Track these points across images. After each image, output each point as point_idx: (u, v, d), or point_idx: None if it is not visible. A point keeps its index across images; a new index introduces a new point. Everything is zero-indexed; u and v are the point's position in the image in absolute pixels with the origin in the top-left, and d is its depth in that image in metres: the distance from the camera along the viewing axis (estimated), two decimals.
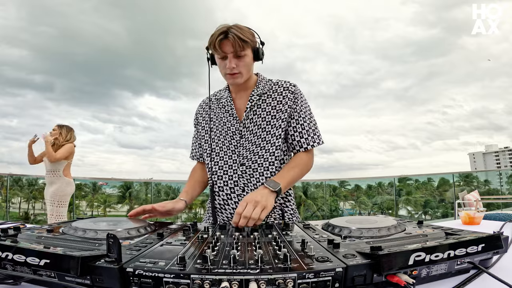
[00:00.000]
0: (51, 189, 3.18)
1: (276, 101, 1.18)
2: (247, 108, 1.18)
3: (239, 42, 1.03)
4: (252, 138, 1.17)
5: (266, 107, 1.18)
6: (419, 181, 10.14)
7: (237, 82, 1.13)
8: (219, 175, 1.21)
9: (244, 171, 1.16)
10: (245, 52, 1.08)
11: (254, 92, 1.19)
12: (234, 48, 1.04)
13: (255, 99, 1.19)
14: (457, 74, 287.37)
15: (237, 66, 1.08)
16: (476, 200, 3.96)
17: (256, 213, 0.87)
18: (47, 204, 3.20)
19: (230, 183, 1.18)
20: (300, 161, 1.14)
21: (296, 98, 1.18)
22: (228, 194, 1.19)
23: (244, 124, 1.18)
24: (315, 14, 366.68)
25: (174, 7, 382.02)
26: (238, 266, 0.49)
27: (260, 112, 1.18)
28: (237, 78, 1.12)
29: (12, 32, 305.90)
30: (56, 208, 3.14)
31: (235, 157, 1.18)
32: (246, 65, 1.10)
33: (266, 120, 1.17)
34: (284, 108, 1.16)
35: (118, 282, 0.49)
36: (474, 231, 0.69)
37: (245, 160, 1.17)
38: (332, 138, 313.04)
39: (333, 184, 9.95)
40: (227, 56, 1.07)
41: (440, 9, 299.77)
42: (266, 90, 1.20)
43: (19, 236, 0.68)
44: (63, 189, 3.20)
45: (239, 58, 1.08)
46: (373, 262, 0.51)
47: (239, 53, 1.06)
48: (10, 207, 6.56)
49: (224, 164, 1.20)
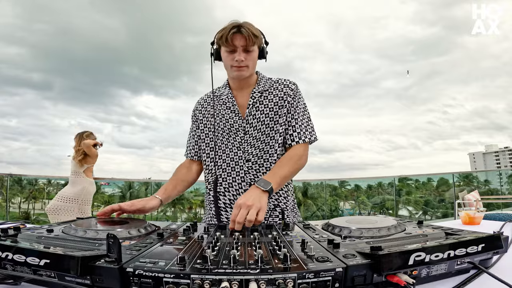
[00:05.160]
0: (74, 189, 3.44)
1: (277, 98, 1.21)
2: (249, 105, 1.20)
3: (251, 37, 1.08)
4: (256, 134, 1.19)
5: (268, 104, 1.20)
6: (419, 181, 10.13)
7: (243, 75, 1.16)
8: (225, 172, 1.21)
9: (250, 167, 1.19)
10: (254, 48, 1.12)
11: (256, 89, 1.21)
12: (246, 42, 1.09)
13: (256, 96, 1.21)
14: (458, 73, 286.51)
15: (245, 59, 1.12)
16: (476, 200, 3.96)
17: (251, 215, 0.86)
18: (63, 202, 3.38)
19: (237, 179, 1.20)
20: (292, 156, 1.15)
21: (295, 95, 1.21)
22: (236, 189, 1.20)
23: (247, 120, 1.20)
24: (314, 12, 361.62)
25: (173, 3, 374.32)
26: (238, 266, 0.49)
27: (263, 108, 1.20)
28: (243, 71, 1.14)
29: (8, 30, 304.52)
30: (81, 206, 3.44)
31: (240, 153, 1.20)
32: (253, 60, 1.15)
33: (269, 116, 1.19)
34: (285, 105, 1.20)
35: (118, 282, 0.49)
36: (474, 231, 0.69)
37: (250, 156, 1.19)
38: (332, 138, 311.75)
39: (333, 184, 9.95)
40: (236, 49, 1.11)
41: (439, 7, 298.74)
42: (267, 87, 1.23)
43: (19, 236, 0.68)
44: (87, 189, 3.51)
45: (248, 53, 1.12)
46: (373, 262, 0.51)
47: (249, 48, 1.11)
48: (10, 207, 6.56)
49: (230, 161, 1.21)
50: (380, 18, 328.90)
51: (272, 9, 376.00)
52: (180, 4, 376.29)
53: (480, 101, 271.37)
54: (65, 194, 3.39)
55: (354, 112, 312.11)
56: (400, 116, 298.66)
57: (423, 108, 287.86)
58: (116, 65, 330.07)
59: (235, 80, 1.22)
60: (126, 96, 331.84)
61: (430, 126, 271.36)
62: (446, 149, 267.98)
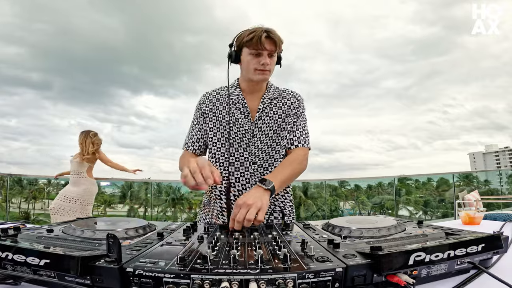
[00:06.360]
0: (78, 189, 3.46)
1: (286, 106, 1.27)
2: (259, 109, 1.24)
3: (279, 44, 1.15)
4: (264, 138, 1.22)
5: (278, 111, 1.25)
6: (419, 181, 10.12)
7: (266, 78, 1.20)
8: (230, 172, 1.22)
9: (256, 169, 1.21)
10: (276, 54, 1.18)
11: (266, 96, 1.26)
12: (275, 47, 1.14)
13: (266, 102, 1.25)
14: (458, 73, 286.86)
15: (270, 64, 1.17)
16: (476, 200, 3.96)
17: (251, 214, 0.86)
18: (66, 201, 3.39)
19: (242, 179, 1.22)
20: (294, 159, 1.18)
21: (299, 106, 1.29)
22: (240, 190, 1.22)
23: (256, 124, 1.23)
24: (313, 11, 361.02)
25: (172, 2, 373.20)
26: (238, 266, 0.49)
27: (272, 115, 1.25)
28: (266, 75, 1.18)
29: (7, 29, 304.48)
30: (84, 207, 3.45)
31: (247, 155, 1.22)
32: (273, 65, 1.20)
33: (277, 123, 1.24)
34: (292, 113, 1.27)
35: (118, 282, 0.49)
36: (474, 231, 0.69)
37: (256, 158, 1.22)
38: (332, 138, 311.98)
39: (333, 184, 9.94)
40: (262, 53, 1.14)
41: (439, 7, 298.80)
42: (276, 95, 1.28)
43: (19, 236, 0.68)
44: (90, 189, 3.54)
45: (271, 58, 1.17)
46: (373, 262, 0.51)
47: (274, 53, 1.16)
48: (10, 207, 6.56)
49: (235, 161, 1.22)
50: (379, 17, 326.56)
51: (272, 8, 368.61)
52: (180, 3, 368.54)
53: (480, 101, 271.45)
54: (68, 194, 3.41)
55: (354, 112, 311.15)
56: (400, 116, 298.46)
57: (423, 108, 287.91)
58: (115, 65, 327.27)
59: (249, 83, 1.23)
60: (125, 96, 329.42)
61: (430, 126, 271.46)
62: (446, 149, 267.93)
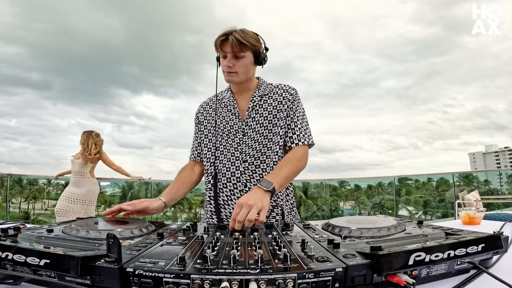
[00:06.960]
0: (80, 190, 3.47)
1: (277, 102, 1.25)
2: (249, 108, 1.24)
3: (236, 45, 1.12)
4: (254, 136, 1.23)
5: (268, 107, 1.25)
6: (419, 181, 10.12)
7: (232, 80, 1.21)
8: (221, 172, 1.24)
9: (246, 167, 1.21)
10: (244, 54, 1.16)
11: (256, 94, 1.26)
12: (232, 49, 1.13)
13: (256, 99, 1.25)
14: (458, 73, 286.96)
15: (233, 65, 1.17)
16: (476, 200, 3.96)
17: (252, 214, 0.86)
18: (71, 202, 3.40)
19: (233, 179, 1.22)
20: (293, 158, 1.17)
21: (294, 99, 1.26)
22: (231, 190, 1.23)
23: (246, 122, 1.24)
24: (313, 11, 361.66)
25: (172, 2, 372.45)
26: (238, 266, 0.49)
27: (262, 111, 1.24)
28: (232, 76, 1.20)
29: (6, 29, 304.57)
30: (87, 207, 3.47)
31: (238, 154, 1.22)
32: (243, 66, 1.18)
33: (268, 119, 1.23)
34: (284, 108, 1.24)
35: (118, 282, 0.49)
36: (474, 231, 0.69)
37: (247, 157, 1.21)
38: (332, 138, 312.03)
39: (333, 184, 9.93)
40: (226, 55, 1.16)
41: (439, 7, 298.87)
42: (267, 92, 1.27)
43: (19, 236, 0.68)
44: (93, 190, 3.55)
45: (237, 59, 1.16)
46: (373, 262, 0.51)
47: (237, 54, 1.15)
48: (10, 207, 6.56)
49: (227, 161, 1.24)
50: (379, 17, 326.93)
51: (271, 8, 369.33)
52: (180, 3, 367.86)
53: (480, 101, 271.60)
54: (72, 195, 3.42)
55: (354, 112, 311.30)
56: (400, 116, 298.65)
57: (423, 108, 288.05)
58: (115, 65, 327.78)
59: (233, 85, 1.28)
60: (125, 96, 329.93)
61: (430, 126, 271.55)
62: (446, 149, 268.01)
